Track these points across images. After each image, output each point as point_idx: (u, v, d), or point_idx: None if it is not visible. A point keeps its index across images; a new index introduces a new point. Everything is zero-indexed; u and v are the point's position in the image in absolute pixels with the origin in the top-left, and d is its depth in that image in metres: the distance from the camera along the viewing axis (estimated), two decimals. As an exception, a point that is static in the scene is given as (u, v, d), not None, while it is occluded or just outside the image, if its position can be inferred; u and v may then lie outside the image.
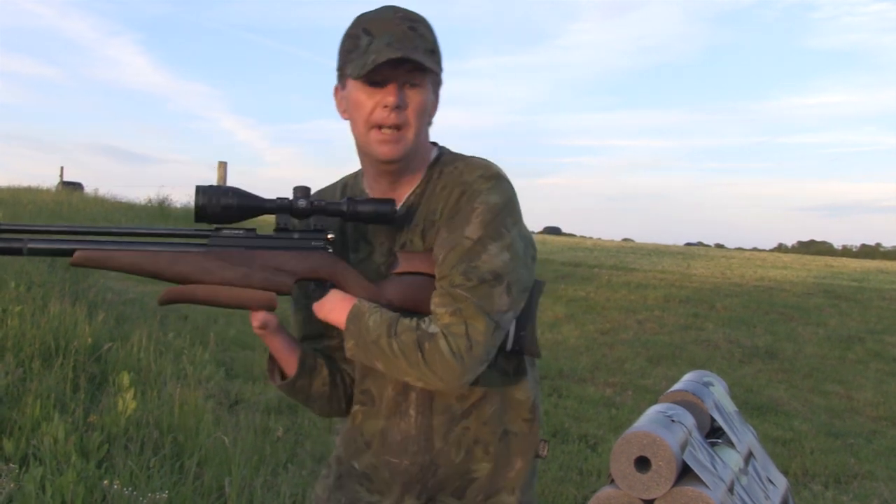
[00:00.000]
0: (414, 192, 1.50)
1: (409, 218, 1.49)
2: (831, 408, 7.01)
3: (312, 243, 1.45)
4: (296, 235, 1.45)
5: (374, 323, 1.37)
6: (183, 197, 19.70)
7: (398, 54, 1.36)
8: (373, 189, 1.53)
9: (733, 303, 12.25)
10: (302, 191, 1.45)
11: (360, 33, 1.42)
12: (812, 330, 10.58)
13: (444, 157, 1.52)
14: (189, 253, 1.40)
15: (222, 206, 1.39)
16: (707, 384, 0.93)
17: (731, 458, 0.84)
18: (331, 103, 1.55)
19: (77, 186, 27.63)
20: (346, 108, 1.48)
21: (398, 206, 1.48)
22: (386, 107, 1.40)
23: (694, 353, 8.83)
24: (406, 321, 1.37)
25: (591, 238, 35.42)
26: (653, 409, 0.87)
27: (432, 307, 1.37)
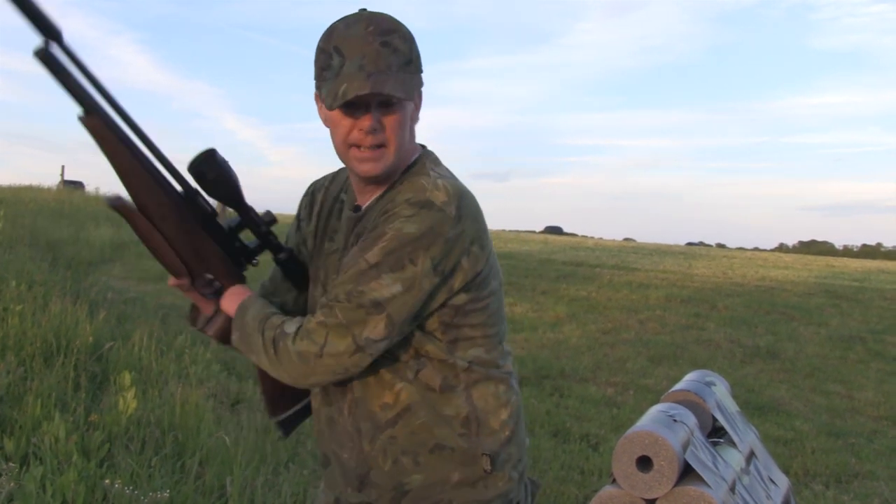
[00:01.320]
0: (379, 197, 1.50)
1: (369, 223, 1.48)
2: (832, 407, 7.00)
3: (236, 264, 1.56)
4: (237, 244, 1.55)
5: (251, 318, 1.46)
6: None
7: (366, 89, 1.34)
8: (354, 187, 1.56)
9: (735, 303, 12.25)
10: (268, 215, 1.56)
11: (332, 51, 1.40)
12: (813, 330, 10.58)
13: (416, 166, 1.50)
14: (164, 192, 1.43)
15: (208, 178, 1.44)
16: (709, 384, 0.93)
17: (733, 458, 0.84)
18: None
19: (78, 185, 27.68)
20: (325, 119, 1.48)
21: (363, 207, 1.52)
22: (362, 130, 1.40)
23: (695, 353, 8.82)
24: (274, 319, 1.44)
25: (592, 238, 35.44)
26: (655, 409, 0.86)
27: (316, 309, 1.42)
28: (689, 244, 39.60)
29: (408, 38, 1.43)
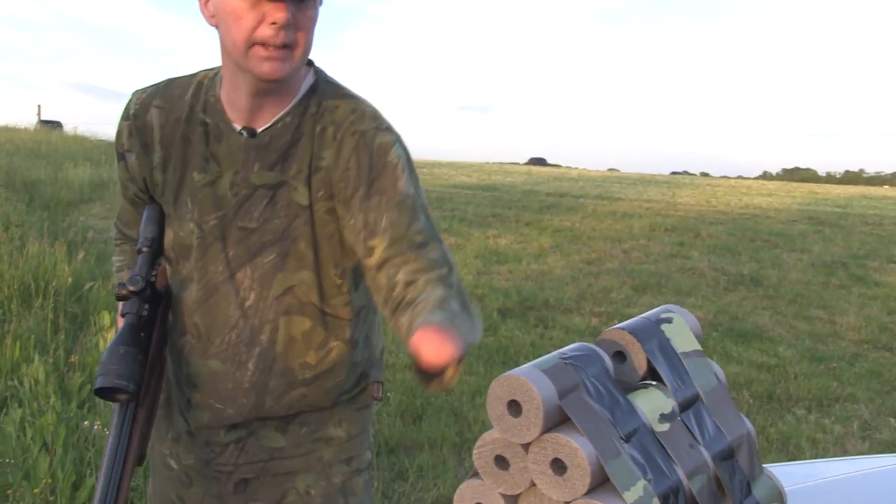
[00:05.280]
0: (282, 119, 1.30)
1: (276, 150, 1.30)
2: (815, 333, 7.06)
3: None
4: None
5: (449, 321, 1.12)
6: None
7: None
8: (231, 100, 1.31)
9: (718, 231, 12.27)
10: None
11: None
12: (796, 256, 10.63)
13: (321, 86, 1.33)
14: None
15: None
16: (662, 321, 0.89)
17: (650, 404, 0.81)
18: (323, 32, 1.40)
19: (56, 125, 27.21)
20: (217, 14, 1.24)
21: (259, 130, 1.31)
22: (274, 23, 1.18)
23: (679, 282, 8.85)
24: (447, 304, 1.12)
25: (576, 168, 35.38)
26: (557, 351, 0.83)
27: (403, 274, 1.17)
28: (673, 173, 39.59)
29: None
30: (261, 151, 1.30)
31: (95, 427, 2.97)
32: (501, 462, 0.78)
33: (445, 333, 0.92)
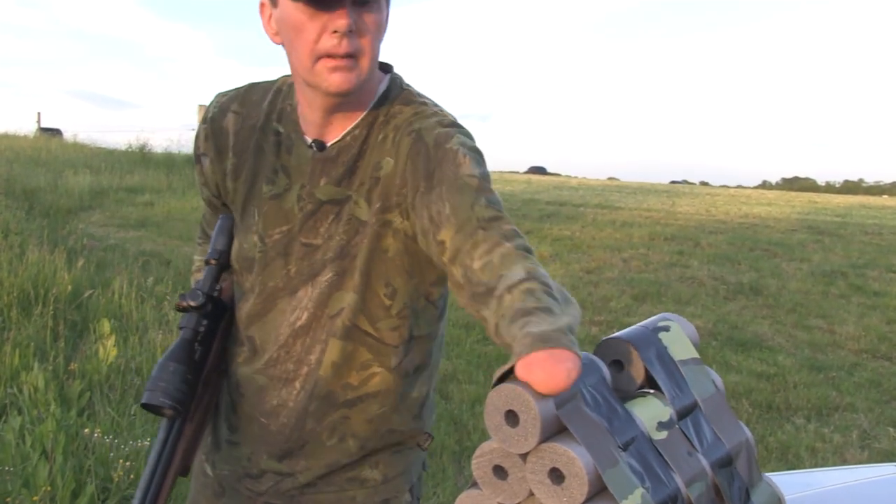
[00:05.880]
0: (351, 132, 1.24)
1: (343, 164, 1.24)
2: (814, 342, 7.06)
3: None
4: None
5: (552, 327, 0.94)
6: (163, 142, 19.49)
7: None
8: (305, 115, 1.27)
9: (718, 240, 12.28)
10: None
11: None
12: (796, 265, 10.63)
13: (393, 93, 1.26)
14: None
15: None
16: (660, 329, 0.89)
17: (648, 413, 0.81)
18: None
19: (56, 133, 27.23)
20: (280, 31, 1.19)
21: (329, 143, 1.25)
22: (336, 32, 1.12)
23: (679, 291, 8.85)
24: (537, 299, 0.95)
25: (576, 177, 35.41)
26: None
27: (477, 260, 1.05)
28: (673, 182, 39.57)
29: None
30: (328, 165, 1.25)
31: (96, 434, 2.96)
32: (500, 472, 0.78)
33: (555, 353, 0.78)
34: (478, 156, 1.18)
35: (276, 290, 1.29)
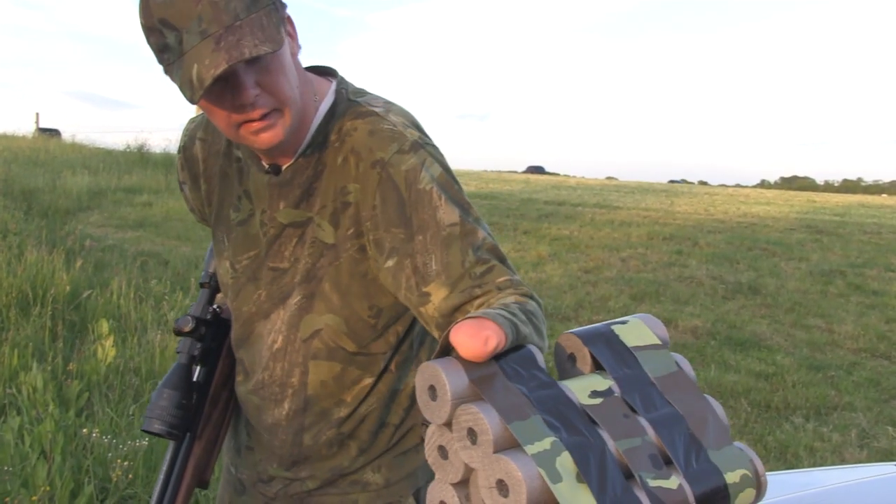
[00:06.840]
0: (303, 153, 1.22)
1: (299, 186, 1.23)
2: (813, 341, 7.07)
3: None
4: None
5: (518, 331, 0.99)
6: (161, 142, 19.53)
7: (222, 63, 1.03)
8: None
9: (716, 239, 12.29)
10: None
11: (160, 27, 1.06)
12: (794, 265, 10.65)
13: (340, 107, 1.23)
14: None
15: None
16: (616, 324, 0.89)
17: (583, 384, 0.82)
18: (326, 48, 1.26)
19: (54, 133, 27.27)
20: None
21: (284, 167, 1.23)
22: (243, 107, 1.09)
23: (677, 290, 8.86)
24: (512, 312, 0.96)
25: (574, 177, 35.41)
26: None
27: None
28: (672, 182, 39.62)
29: None
30: (284, 189, 1.24)
31: (94, 434, 2.97)
32: (443, 451, 0.79)
33: (479, 321, 0.78)
34: (450, 186, 1.17)
35: (251, 314, 1.31)
